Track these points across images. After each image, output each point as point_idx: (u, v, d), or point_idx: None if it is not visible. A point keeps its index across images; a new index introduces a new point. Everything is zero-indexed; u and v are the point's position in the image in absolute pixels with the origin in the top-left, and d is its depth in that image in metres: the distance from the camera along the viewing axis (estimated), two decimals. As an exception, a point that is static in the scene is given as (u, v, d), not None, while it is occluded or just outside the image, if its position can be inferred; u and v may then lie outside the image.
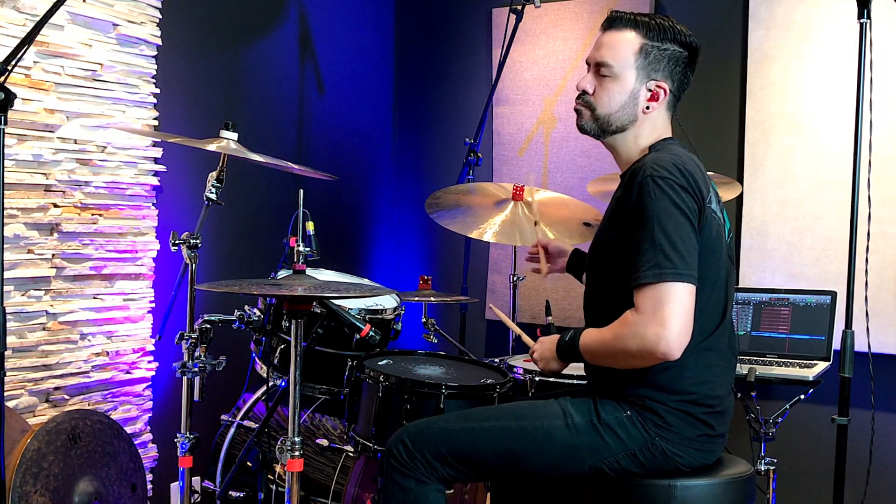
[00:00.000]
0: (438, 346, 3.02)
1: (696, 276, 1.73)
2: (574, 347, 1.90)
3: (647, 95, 1.92)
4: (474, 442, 1.90)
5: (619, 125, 1.94)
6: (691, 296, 1.72)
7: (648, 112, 1.93)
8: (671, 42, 1.90)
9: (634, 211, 1.78)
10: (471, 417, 1.96)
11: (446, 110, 4.15)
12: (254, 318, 2.47)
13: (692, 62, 1.95)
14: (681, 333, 1.70)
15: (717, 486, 1.85)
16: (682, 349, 1.71)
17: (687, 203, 1.76)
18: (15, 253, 2.61)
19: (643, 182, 1.77)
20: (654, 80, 1.91)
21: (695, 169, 1.82)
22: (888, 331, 3.00)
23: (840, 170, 3.11)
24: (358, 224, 4.13)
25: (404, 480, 1.91)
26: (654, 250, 1.72)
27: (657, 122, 1.95)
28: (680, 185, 1.76)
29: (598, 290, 1.96)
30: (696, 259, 1.74)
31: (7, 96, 1.91)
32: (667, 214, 1.74)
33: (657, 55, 1.90)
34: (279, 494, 2.67)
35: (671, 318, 1.69)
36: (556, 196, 3.17)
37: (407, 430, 1.96)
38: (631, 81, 1.91)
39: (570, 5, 3.73)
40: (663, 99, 1.92)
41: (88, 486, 2.52)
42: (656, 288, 1.71)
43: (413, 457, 1.90)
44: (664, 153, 1.86)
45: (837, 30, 3.12)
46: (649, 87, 1.91)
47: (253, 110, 3.50)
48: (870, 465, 2.62)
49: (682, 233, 1.73)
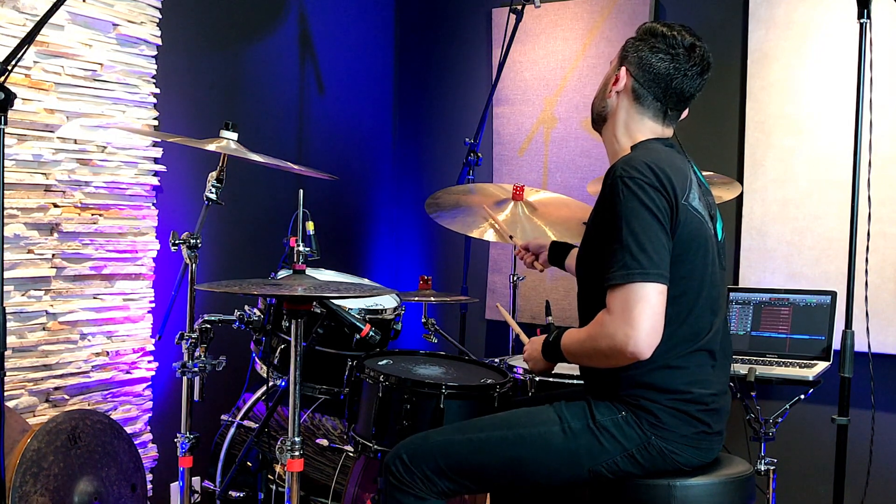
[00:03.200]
0: (438, 346, 3.02)
1: (666, 275, 1.74)
2: (557, 347, 1.93)
3: (612, 80, 1.98)
4: (472, 453, 1.90)
5: (598, 111, 2.03)
6: (661, 295, 1.73)
7: (610, 96, 1.98)
8: (652, 37, 1.92)
9: (606, 211, 1.80)
10: (467, 429, 1.95)
11: (446, 110, 4.15)
12: (254, 318, 2.47)
13: (677, 60, 1.90)
14: (650, 333, 1.71)
15: (716, 486, 1.85)
16: (651, 348, 1.72)
17: (656, 202, 1.76)
18: (15, 253, 2.61)
19: (613, 183, 1.79)
20: (623, 66, 1.96)
21: (671, 167, 1.82)
22: (888, 331, 3.00)
23: (840, 170, 3.11)
24: (358, 224, 4.13)
25: (403, 497, 1.90)
26: (623, 251, 1.73)
27: (629, 115, 1.96)
28: (649, 184, 1.76)
29: (586, 288, 1.96)
30: (666, 258, 1.75)
31: (7, 96, 1.91)
32: (635, 215, 1.75)
33: (630, 47, 1.96)
34: (279, 494, 2.67)
35: (639, 318, 1.70)
36: (556, 196, 3.17)
37: (404, 446, 1.96)
38: (611, 70, 2.02)
39: (570, 5, 3.73)
40: (623, 84, 1.95)
41: (88, 486, 2.52)
42: (625, 289, 1.72)
43: (411, 472, 1.90)
44: (640, 152, 1.88)
45: (837, 30, 3.12)
46: (616, 73, 1.98)
47: (253, 110, 3.50)
48: (870, 465, 2.62)
49: (651, 233, 1.74)
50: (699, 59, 1.92)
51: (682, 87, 1.92)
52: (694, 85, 1.93)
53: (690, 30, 1.94)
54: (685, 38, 1.91)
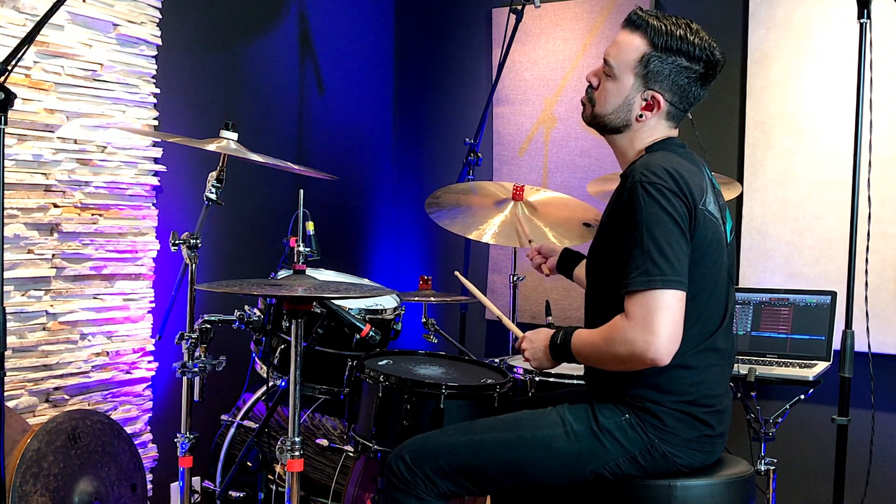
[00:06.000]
0: (438, 346, 3.02)
1: (685, 281, 1.73)
2: (566, 349, 1.91)
3: (641, 104, 1.90)
4: (475, 455, 1.89)
5: (613, 127, 1.95)
6: (680, 302, 1.72)
7: (642, 121, 1.91)
8: (677, 54, 1.85)
9: (625, 216, 1.79)
10: (469, 430, 1.95)
11: (446, 110, 4.15)
12: (254, 318, 2.47)
13: (705, 77, 1.89)
14: (670, 340, 1.71)
15: (716, 487, 1.85)
16: (671, 355, 1.72)
17: (677, 208, 1.75)
18: (15, 253, 2.61)
19: (633, 187, 1.78)
20: (651, 90, 1.88)
21: (688, 171, 1.81)
22: (888, 331, 3.00)
23: (840, 170, 3.10)
24: (358, 224, 4.12)
25: (405, 498, 1.90)
26: (643, 257, 1.72)
27: (655, 129, 1.94)
28: (670, 189, 1.75)
29: (597, 291, 1.96)
30: (685, 265, 1.75)
31: (7, 96, 1.91)
32: (656, 221, 1.74)
33: (657, 66, 1.86)
34: (279, 494, 2.67)
35: (660, 325, 1.70)
36: (556, 196, 3.16)
37: (406, 447, 1.95)
38: (627, 87, 1.90)
39: (570, 5, 3.73)
40: (658, 111, 1.90)
41: (88, 486, 2.52)
42: (645, 295, 1.71)
43: (413, 473, 1.90)
44: (657, 155, 1.86)
45: (837, 30, 3.12)
46: (645, 97, 1.89)
47: (253, 110, 3.50)
48: (870, 465, 2.62)
49: (672, 239, 1.73)
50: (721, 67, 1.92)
51: (703, 94, 1.94)
52: (707, 90, 1.95)
53: (703, 33, 1.90)
54: (709, 49, 1.87)
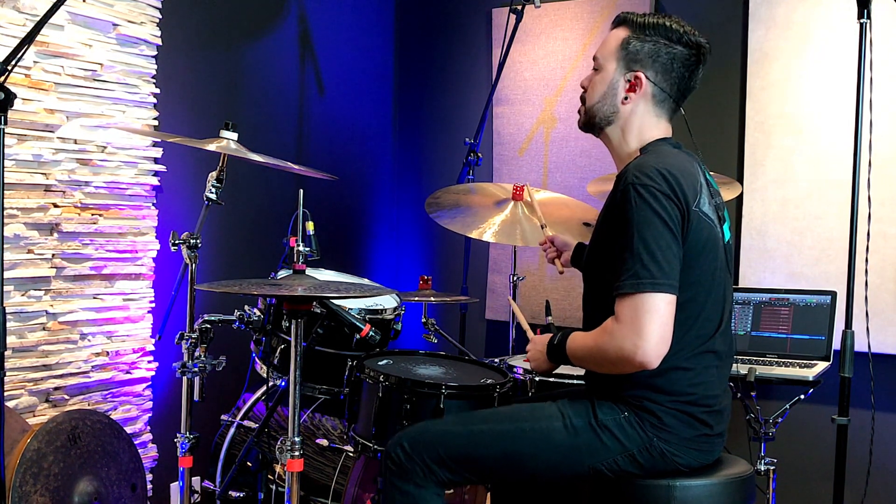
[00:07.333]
0: (438, 346, 3.02)
1: (676, 285, 1.74)
2: (562, 351, 1.92)
3: (625, 86, 1.93)
4: (473, 445, 1.90)
5: (602, 116, 1.97)
6: (670, 306, 1.73)
7: (627, 103, 1.93)
8: (656, 33, 1.90)
9: (618, 218, 1.79)
10: (469, 421, 1.96)
11: (446, 110, 4.15)
12: (254, 318, 2.47)
13: (688, 59, 1.91)
14: (658, 343, 1.71)
15: (716, 486, 1.85)
16: (659, 358, 1.72)
17: (668, 211, 1.75)
18: (15, 253, 2.61)
19: (625, 189, 1.78)
20: (633, 70, 1.91)
21: (682, 172, 1.81)
22: (888, 331, 3.00)
23: (840, 170, 3.10)
24: (358, 224, 4.13)
25: (403, 484, 1.91)
26: (633, 260, 1.73)
27: (644, 119, 1.94)
28: (661, 192, 1.75)
29: (593, 291, 1.96)
30: (676, 268, 1.75)
31: (7, 96, 1.91)
32: (646, 223, 1.74)
33: (637, 45, 1.91)
34: (279, 494, 2.67)
35: (648, 328, 1.70)
36: (556, 196, 3.17)
37: (405, 434, 1.96)
38: (611, 72, 1.94)
39: (570, 5, 3.73)
40: (641, 89, 1.91)
41: (88, 486, 2.52)
42: (634, 298, 1.72)
43: (412, 460, 1.91)
44: (651, 157, 1.86)
45: (837, 30, 3.12)
46: (627, 78, 1.92)
47: (253, 110, 3.50)
48: (870, 465, 2.62)
49: (662, 242, 1.73)
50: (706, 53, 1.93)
51: (692, 83, 1.95)
52: (697, 78, 1.95)
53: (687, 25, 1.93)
54: (690, 34, 1.91)
